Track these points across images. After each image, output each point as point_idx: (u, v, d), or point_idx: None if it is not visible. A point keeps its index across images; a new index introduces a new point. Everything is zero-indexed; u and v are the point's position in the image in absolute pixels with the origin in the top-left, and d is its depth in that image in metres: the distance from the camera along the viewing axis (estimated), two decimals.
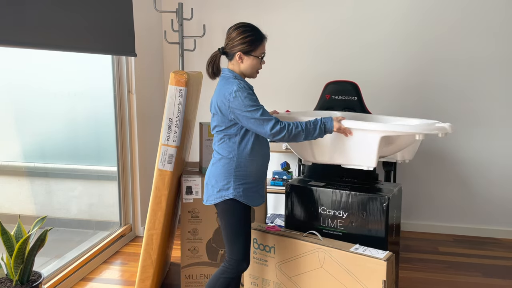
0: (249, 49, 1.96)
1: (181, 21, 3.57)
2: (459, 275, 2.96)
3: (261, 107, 1.91)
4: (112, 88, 3.34)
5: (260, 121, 1.89)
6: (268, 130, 1.90)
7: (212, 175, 2.02)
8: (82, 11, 2.63)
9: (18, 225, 2.22)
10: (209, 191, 2.03)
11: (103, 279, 2.88)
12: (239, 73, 2.02)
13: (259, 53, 1.98)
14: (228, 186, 1.97)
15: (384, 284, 1.98)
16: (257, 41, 1.97)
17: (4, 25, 2.04)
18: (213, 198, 2.01)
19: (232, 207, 1.98)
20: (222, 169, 1.98)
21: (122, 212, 3.50)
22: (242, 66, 2.00)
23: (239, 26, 1.98)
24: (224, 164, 1.98)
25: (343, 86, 3.09)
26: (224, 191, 1.98)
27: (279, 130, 1.91)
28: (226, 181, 1.98)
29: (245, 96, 1.89)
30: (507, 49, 3.49)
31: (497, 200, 3.66)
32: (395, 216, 2.37)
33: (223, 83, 1.98)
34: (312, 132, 1.98)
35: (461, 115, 3.62)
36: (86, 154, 3.27)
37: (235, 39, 1.96)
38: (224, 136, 1.99)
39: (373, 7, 3.62)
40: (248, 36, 1.95)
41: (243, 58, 1.97)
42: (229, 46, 1.98)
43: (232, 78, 1.98)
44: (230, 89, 1.91)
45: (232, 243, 2.01)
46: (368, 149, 2.11)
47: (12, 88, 2.58)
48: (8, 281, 2.17)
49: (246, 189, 1.99)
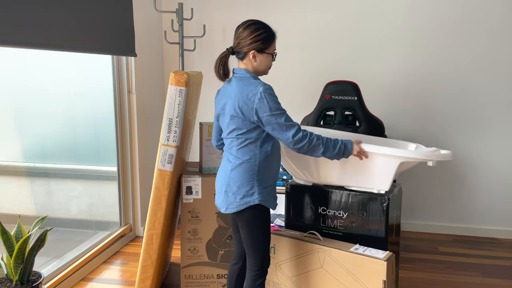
0: (263, 46, 1.90)
1: (181, 21, 3.57)
2: (459, 275, 2.96)
3: (285, 111, 1.85)
4: (112, 88, 3.33)
5: (284, 127, 1.83)
6: (291, 137, 1.84)
7: (232, 181, 1.92)
8: (82, 11, 2.63)
9: (18, 225, 2.22)
10: (229, 199, 1.92)
11: (103, 279, 2.88)
12: (254, 72, 1.94)
13: (272, 50, 1.93)
14: (253, 192, 1.89)
15: (384, 284, 1.98)
16: (270, 38, 1.91)
17: (4, 25, 2.04)
18: (235, 205, 1.91)
19: (258, 213, 1.91)
20: (244, 174, 1.90)
21: (122, 212, 3.50)
22: (255, 64, 1.92)
23: (250, 24, 1.91)
24: (246, 169, 1.90)
25: (343, 86, 3.09)
26: (249, 197, 1.89)
27: (301, 138, 1.84)
28: (249, 187, 1.89)
29: (271, 98, 1.82)
30: (507, 49, 3.49)
31: (497, 200, 3.66)
32: (395, 216, 2.37)
33: (242, 83, 1.88)
34: (331, 150, 1.91)
35: (461, 115, 3.62)
36: (86, 154, 3.27)
37: (247, 38, 1.88)
38: (245, 140, 1.89)
39: (373, 7, 3.62)
40: (262, 33, 1.89)
41: (256, 56, 1.90)
42: (242, 45, 1.90)
43: (252, 78, 1.90)
44: (254, 90, 1.83)
45: (256, 249, 1.94)
46: (384, 174, 2.10)
47: (12, 88, 2.58)
48: (8, 281, 2.17)
49: (267, 192, 1.93)
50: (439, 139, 3.67)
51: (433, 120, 3.66)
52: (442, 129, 3.66)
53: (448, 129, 3.65)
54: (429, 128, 3.68)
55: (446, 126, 3.65)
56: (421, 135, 3.69)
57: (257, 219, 1.92)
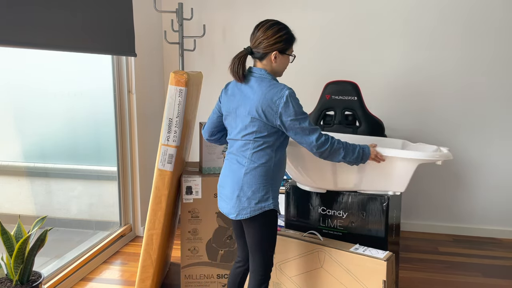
0: (285, 47, 1.86)
1: (181, 21, 3.57)
2: (459, 275, 2.96)
3: (307, 115, 1.83)
4: (112, 88, 3.34)
5: (307, 131, 1.80)
6: (314, 141, 1.81)
7: (247, 185, 1.84)
8: (82, 11, 2.63)
9: (18, 225, 2.22)
10: (242, 204, 1.84)
11: (103, 279, 2.88)
12: (272, 73, 1.90)
13: (291, 51, 1.91)
14: (267, 196, 1.85)
15: (384, 284, 1.98)
16: (292, 39, 1.89)
17: (3, 25, 2.04)
18: (249, 211, 1.84)
19: (272, 218, 1.88)
20: (260, 178, 1.84)
21: (122, 212, 3.50)
22: (274, 65, 1.88)
23: (273, 24, 1.86)
24: (262, 173, 1.84)
25: (343, 86, 3.08)
26: (264, 202, 1.84)
27: (323, 142, 1.82)
28: (265, 191, 1.84)
29: (296, 103, 1.79)
30: (507, 49, 3.49)
31: (496, 200, 3.66)
32: (395, 216, 2.37)
33: (265, 85, 1.82)
34: (350, 154, 1.89)
35: (461, 114, 3.62)
36: (86, 154, 3.27)
37: (271, 38, 1.83)
38: (263, 143, 1.84)
39: (373, 7, 3.62)
40: (284, 34, 1.85)
41: (277, 57, 1.86)
42: (263, 45, 1.84)
43: (273, 80, 1.86)
44: (279, 93, 1.78)
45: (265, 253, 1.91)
46: (403, 176, 2.10)
47: (12, 88, 2.58)
48: (8, 281, 2.17)
49: (277, 197, 1.92)
50: (439, 139, 3.67)
51: (433, 120, 3.66)
52: (442, 129, 3.66)
53: (448, 129, 3.65)
54: (429, 128, 3.68)
55: (446, 126, 3.65)
56: (421, 135, 3.69)
57: (269, 224, 1.88)
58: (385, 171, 2.11)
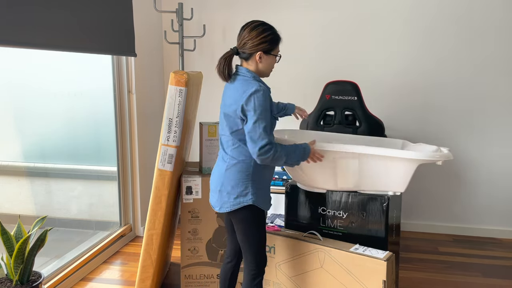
0: (269, 48, 1.89)
1: (181, 21, 3.57)
2: (459, 275, 2.96)
3: (267, 120, 1.81)
4: (112, 88, 3.33)
5: (256, 135, 1.80)
6: (258, 149, 1.79)
7: (227, 181, 1.92)
8: (82, 11, 2.62)
9: (18, 225, 2.22)
10: (223, 198, 1.93)
11: (103, 279, 2.88)
12: (257, 73, 1.93)
13: (277, 51, 1.94)
14: (247, 192, 1.89)
15: (384, 284, 1.98)
16: (276, 39, 1.92)
17: (4, 25, 2.03)
18: (229, 205, 1.92)
19: (252, 213, 1.92)
20: (239, 174, 1.90)
21: (122, 212, 3.50)
22: (260, 65, 1.91)
23: (258, 24, 1.89)
24: (241, 169, 1.90)
25: (343, 86, 3.08)
26: (242, 197, 1.89)
27: (266, 151, 1.80)
28: (244, 187, 1.89)
29: (258, 100, 1.80)
30: (507, 49, 3.49)
31: (497, 200, 3.66)
32: (395, 216, 2.37)
33: (241, 84, 1.88)
34: (292, 158, 1.89)
35: (461, 114, 3.62)
36: (86, 154, 3.27)
37: (255, 38, 1.87)
38: (241, 140, 1.89)
39: (373, 7, 3.62)
40: (269, 35, 1.88)
41: (262, 57, 1.89)
42: (248, 46, 1.88)
43: (252, 79, 1.89)
44: (249, 90, 1.82)
45: (253, 248, 1.95)
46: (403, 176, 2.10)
47: (12, 88, 2.58)
48: (8, 281, 2.17)
49: (261, 194, 1.94)
50: (439, 139, 3.67)
51: (433, 120, 3.66)
52: (442, 129, 3.66)
53: (448, 129, 3.65)
54: (429, 128, 3.68)
55: (446, 126, 3.65)
56: (421, 135, 3.69)
57: (250, 219, 1.93)
58: (386, 171, 2.11)
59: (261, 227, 1.96)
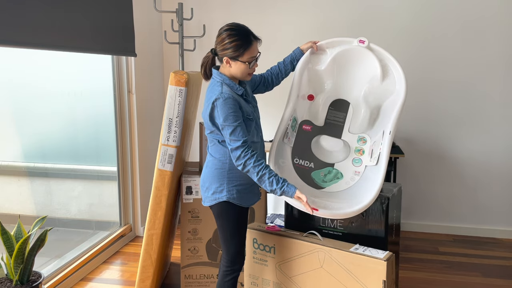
0: (234, 54, 1.83)
1: (181, 21, 3.57)
2: (459, 275, 2.96)
3: (233, 125, 1.81)
4: (112, 88, 3.34)
5: (228, 140, 1.84)
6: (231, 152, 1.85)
7: (206, 177, 1.99)
8: (82, 11, 2.63)
9: (18, 225, 2.23)
10: (204, 193, 2.02)
11: (103, 279, 2.88)
12: (230, 76, 1.91)
13: (246, 58, 1.84)
14: (222, 189, 1.94)
15: (384, 284, 1.98)
16: (243, 46, 1.82)
17: (4, 25, 2.04)
18: (208, 200, 1.99)
19: (227, 210, 1.96)
20: (215, 171, 1.95)
21: (122, 212, 3.50)
22: (231, 70, 1.89)
23: (226, 29, 1.85)
24: (216, 167, 1.96)
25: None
26: (218, 193, 1.94)
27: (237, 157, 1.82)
28: (219, 184, 1.94)
29: (222, 109, 1.80)
30: (507, 49, 3.49)
31: (497, 200, 3.66)
32: (395, 216, 2.37)
33: (209, 88, 1.92)
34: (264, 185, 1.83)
35: (461, 114, 3.62)
36: (86, 154, 3.27)
37: (220, 44, 1.85)
38: (214, 139, 1.95)
39: (373, 8, 3.62)
40: (234, 41, 1.81)
41: (230, 62, 1.87)
42: (218, 49, 1.88)
43: (218, 83, 1.88)
44: (211, 99, 1.84)
45: (227, 244, 2.01)
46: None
47: (12, 88, 2.58)
48: (8, 281, 2.17)
49: (240, 190, 1.95)
50: (439, 138, 3.67)
51: (433, 119, 3.66)
52: (442, 129, 3.66)
53: (448, 128, 3.65)
54: (430, 127, 3.67)
55: (446, 126, 3.65)
56: (421, 135, 3.69)
57: (225, 215, 1.97)
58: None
59: (237, 223, 1.99)
